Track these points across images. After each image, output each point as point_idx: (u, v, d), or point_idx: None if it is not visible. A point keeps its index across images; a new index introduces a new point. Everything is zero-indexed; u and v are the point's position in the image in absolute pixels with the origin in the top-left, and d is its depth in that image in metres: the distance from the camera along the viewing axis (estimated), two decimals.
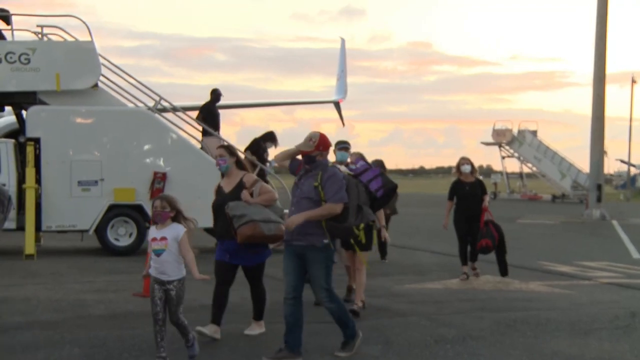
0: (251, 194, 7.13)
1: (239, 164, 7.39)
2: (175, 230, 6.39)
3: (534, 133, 47.56)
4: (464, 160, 11.82)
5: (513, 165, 51.77)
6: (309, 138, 6.69)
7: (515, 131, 47.50)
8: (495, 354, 7.08)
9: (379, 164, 14.60)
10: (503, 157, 49.29)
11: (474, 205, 11.62)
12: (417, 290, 10.80)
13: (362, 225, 6.73)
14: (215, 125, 16.02)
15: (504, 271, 11.61)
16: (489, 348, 7.25)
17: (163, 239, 6.37)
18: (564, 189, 45.26)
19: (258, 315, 7.75)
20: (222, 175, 7.58)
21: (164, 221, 6.41)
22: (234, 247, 7.17)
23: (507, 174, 51.41)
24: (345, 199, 6.53)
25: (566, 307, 9.54)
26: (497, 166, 58.68)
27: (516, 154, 48.28)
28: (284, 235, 6.81)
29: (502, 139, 47.77)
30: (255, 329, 7.70)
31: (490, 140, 48.71)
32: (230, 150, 7.47)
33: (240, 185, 7.21)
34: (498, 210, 35.11)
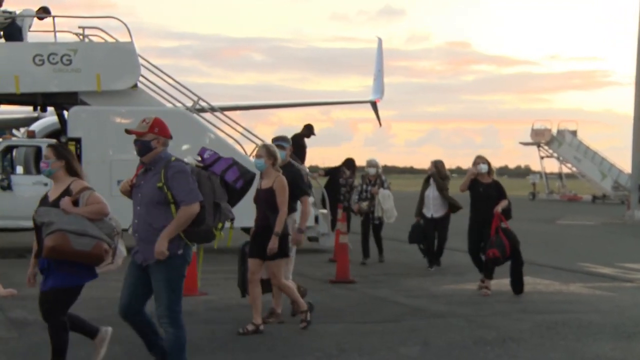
0: (77, 203, 5.86)
1: (70, 168, 6.06)
2: None
3: (574, 133, 46.90)
4: (480, 159, 10.97)
5: (552, 166, 50.99)
6: (142, 120, 5.83)
7: (554, 131, 46.90)
8: (536, 356, 6.98)
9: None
10: (542, 157, 48.68)
11: (487, 209, 10.38)
12: (456, 291, 10.71)
13: (220, 225, 5.68)
14: (301, 158, 15.95)
15: (517, 288, 10.40)
16: (529, 350, 7.16)
17: None
18: (605, 190, 44.56)
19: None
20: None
21: None
22: (44, 265, 5.82)
23: (546, 174, 50.77)
24: (200, 196, 5.53)
25: (608, 310, 9.38)
26: (535, 166, 57.92)
27: (555, 154, 47.65)
28: (103, 256, 5.77)
29: (541, 139, 47.18)
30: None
31: (529, 140, 48.17)
32: (57, 151, 6.04)
33: (66, 193, 5.92)
34: (537, 211, 34.76)
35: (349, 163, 15.20)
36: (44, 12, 14.97)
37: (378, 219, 13.50)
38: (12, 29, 14.40)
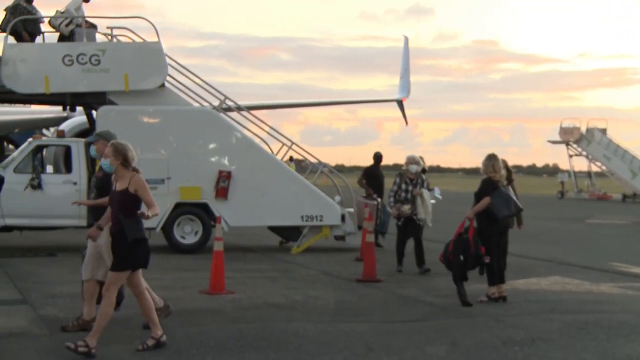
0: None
1: None
2: None
3: (604, 131, 46.39)
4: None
5: (581, 164, 50.47)
6: None
7: (583, 129, 46.46)
8: (566, 357, 6.90)
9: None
10: (570, 156, 48.23)
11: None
12: (484, 290, 10.60)
13: None
14: (378, 187, 15.82)
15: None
16: (559, 351, 7.08)
17: None
18: (635, 188, 44.03)
19: None
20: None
21: None
22: None
23: (574, 173, 50.30)
24: None
25: None
26: (564, 165, 57.44)
27: (584, 153, 47.19)
28: None
29: (570, 137, 46.74)
30: None
31: (558, 138, 47.77)
32: None
33: None
34: (566, 210, 34.42)
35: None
36: None
37: (421, 221, 12.07)
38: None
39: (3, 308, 8.72)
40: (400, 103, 33.57)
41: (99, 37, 15.15)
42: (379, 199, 15.05)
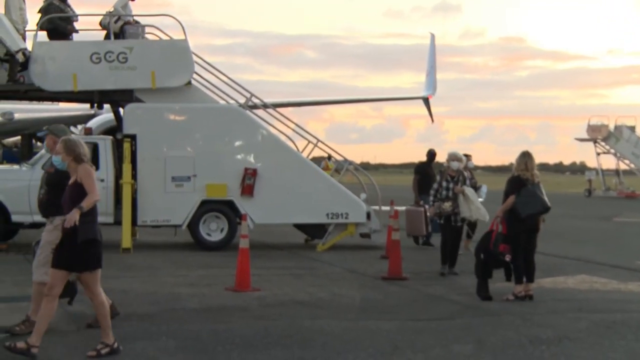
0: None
1: None
2: None
3: (632, 128, 45.86)
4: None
5: (609, 162, 49.91)
6: None
7: (611, 127, 45.95)
8: (594, 356, 6.84)
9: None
10: (598, 154, 47.72)
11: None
12: (510, 288, 10.54)
13: None
14: (428, 185, 15.70)
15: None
16: (587, 350, 7.01)
17: None
18: None
19: None
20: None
21: None
22: None
23: (602, 171, 49.77)
24: None
25: None
26: (591, 163, 56.75)
27: (612, 150, 46.69)
28: None
29: (598, 134, 46.24)
30: None
31: (585, 136, 47.29)
32: None
33: None
34: (593, 208, 34.07)
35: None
36: None
37: (462, 221, 11.67)
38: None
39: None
40: (426, 100, 33.46)
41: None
42: (426, 206, 14.88)
